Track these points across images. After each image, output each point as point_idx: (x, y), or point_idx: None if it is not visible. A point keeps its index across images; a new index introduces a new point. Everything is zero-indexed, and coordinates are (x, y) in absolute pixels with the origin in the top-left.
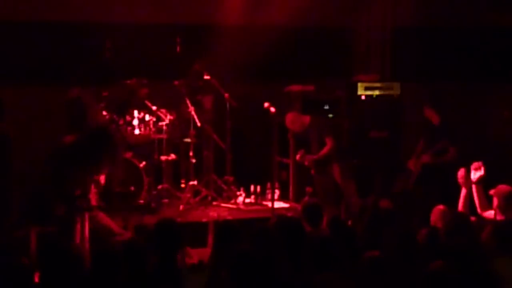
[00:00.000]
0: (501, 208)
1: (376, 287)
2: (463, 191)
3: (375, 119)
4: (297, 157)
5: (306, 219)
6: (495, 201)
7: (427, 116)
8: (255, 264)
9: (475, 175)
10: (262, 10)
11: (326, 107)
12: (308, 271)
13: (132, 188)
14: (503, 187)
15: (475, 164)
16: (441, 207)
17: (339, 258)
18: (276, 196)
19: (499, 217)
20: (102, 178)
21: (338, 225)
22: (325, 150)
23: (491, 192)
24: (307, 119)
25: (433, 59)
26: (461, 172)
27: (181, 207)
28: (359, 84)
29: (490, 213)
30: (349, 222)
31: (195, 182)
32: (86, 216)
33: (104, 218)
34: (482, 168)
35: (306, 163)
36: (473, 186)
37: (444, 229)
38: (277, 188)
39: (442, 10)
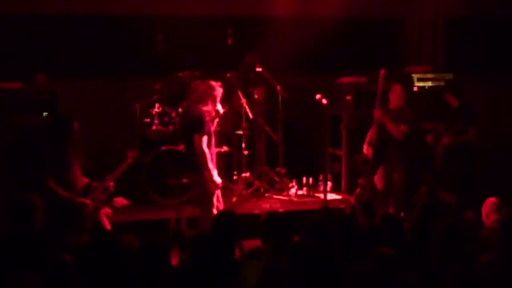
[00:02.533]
0: None
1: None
2: None
3: (428, 110)
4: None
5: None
6: None
7: (447, 100)
8: (313, 256)
9: None
10: (314, 1)
11: None
12: (359, 261)
13: (185, 180)
14: None
15: None
16: (493, 199)
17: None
18: (328, 188)
19: None
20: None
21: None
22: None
23: None
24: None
25: (486, 50)
26: None
27: (233, 199)
28: (412, 76)
29: None
30: (402, 215)
31: (248, 174)
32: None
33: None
34: None
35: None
36: None
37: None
38: (330, 180)
39: None
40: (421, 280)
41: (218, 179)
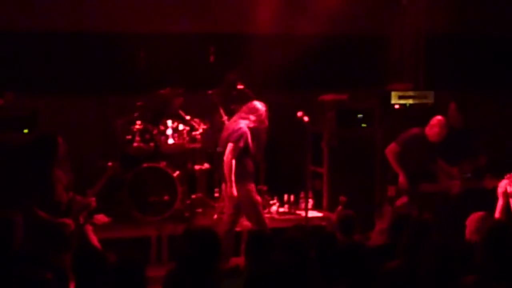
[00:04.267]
0: None
1: None
2: (500, 202)
3: (409, 128)
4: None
5: (340, 229)
6: None
7: (452, 115)
8: (288, 274)
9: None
10: (295, 19)
11: (360, 116)
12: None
13: (166, 198)
14: None
15: (509, 176)
16: (477, 214)
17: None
18: (309, 205)
19: None
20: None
21: None
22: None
23: None
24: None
25: (467, 68)
26: (503, 183)
27: (215, 216)
28: (393, 93)
29: None
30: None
31: None
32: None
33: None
34: None
35: None
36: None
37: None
38: (311, 197)
39: (476, 18)
40: None
41: (234, 192)
